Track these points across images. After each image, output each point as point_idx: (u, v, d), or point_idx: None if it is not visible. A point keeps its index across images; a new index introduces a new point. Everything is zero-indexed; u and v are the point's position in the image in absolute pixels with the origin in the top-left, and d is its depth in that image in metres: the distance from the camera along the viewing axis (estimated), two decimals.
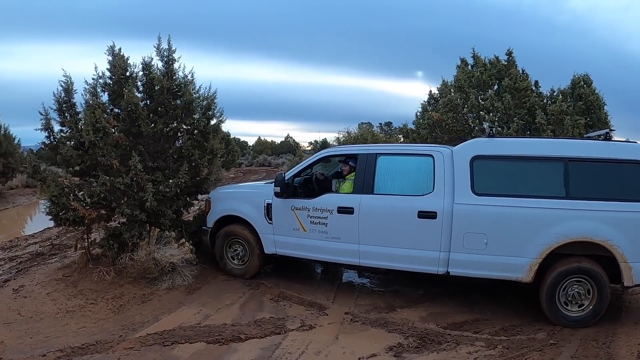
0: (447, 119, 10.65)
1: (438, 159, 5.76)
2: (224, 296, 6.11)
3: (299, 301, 5.99)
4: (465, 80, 10.96)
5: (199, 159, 6.70)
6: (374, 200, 5.97)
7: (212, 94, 6.99)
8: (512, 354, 4.63)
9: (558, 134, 9.33)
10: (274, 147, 49.50)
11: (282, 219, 6.42)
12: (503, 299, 6.20)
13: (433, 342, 4.86)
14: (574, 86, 10.65)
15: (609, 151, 5.31)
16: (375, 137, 19.37)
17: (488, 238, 5.39)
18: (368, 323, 5.35)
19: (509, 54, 11.09)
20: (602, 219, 5.07)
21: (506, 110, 10.03)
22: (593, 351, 4.68)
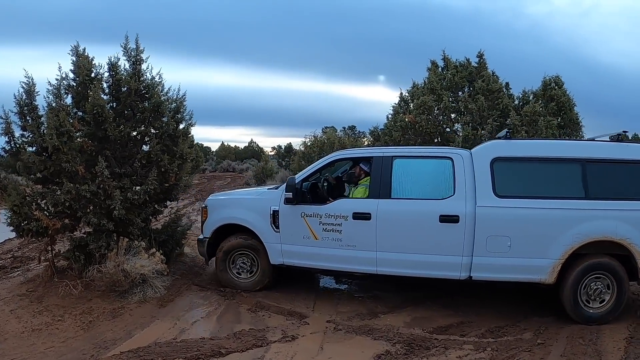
0: (420, 120, 10.76)
1: (457, 161, 5.76)
2: (199, 308, 5.97)
3: (277, 310, 5.89)
4: (438, 82, 11.13)
5: (169, 164, 6.53)
6: (393, 204, 5.85)
7: (182, 96, 6.90)
8: (502, 355, 4.69)
9: (532, 134, 9.56)
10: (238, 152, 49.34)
11: (290, 226, 6.20)
12: (485, 300, 6.32)
13: (421, 348, 4.86)
14: (545, 88, 10.98)
15: (623, 152, 5.53)
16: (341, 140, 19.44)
17: (511, 240, 5.43)
18: (352, 331, 5.30)
19: (479, 56, 11.39)
20: (620, 217, 5.27)
21: (480, 111, 10.22)
22: (581, 348, 4.82)
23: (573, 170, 5.53)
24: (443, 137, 11.20)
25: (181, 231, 7.35)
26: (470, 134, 10.09)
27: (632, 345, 4.90)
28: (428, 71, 12.02)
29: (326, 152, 18.40)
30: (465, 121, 10.43)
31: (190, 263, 7.67)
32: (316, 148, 18.75)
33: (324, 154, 18.23)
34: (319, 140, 19.43)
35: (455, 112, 11.19)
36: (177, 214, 7.56)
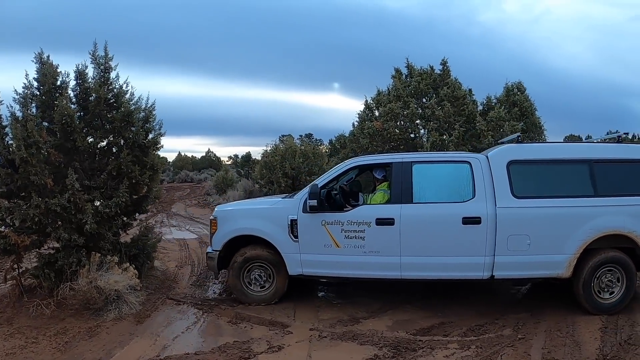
0: (388, 127, 11.02)
1: (476, 165, 6.06)
2: (178, 322, 5.93)
3: (259, 321, 5.92)
4: (403, 89, 11.44)
5: (139, 175, 6.52)
6: (416, 209, 6.03)
7: (151, 105, 6.87)
8: (487, 352, 4.92)
9: (498, 138, 9.95)
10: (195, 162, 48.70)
11: (310, 235, 6.21)
12: (461, 301, 6.58)
13: (408, 350, 5.02)
14: (507, 93, 11.47)
15: (625, 152, 6.12)
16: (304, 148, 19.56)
17: (531, 239, 5.78)
18: (337, 338, 5.40)
19: (443, 64, 11.79)
20: (627, 213, 5.79)
21: (446, 117, 10.57)
22: (560, 340, 5.19)
23: (582, 170, 5.99)
24: (410, 143, 11.51)
25: (152, 244, 7.31)
26: (437, 139, 10.41)
27: (607, 334, 5.32)
28: (392, 79, 12.34)
29: (288, 160, 18.52)
30: (432, 127, 10.75)
31: (162, 277, 7.63)
32: (278, 156, 18.80)
33: (286, 162, 18.38)
34: (280, 149, 19.47)
35: (421, 118, 11.52)
36: (147, 227, 7.50)
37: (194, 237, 12.07)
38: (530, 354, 4.87)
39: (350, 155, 12.73)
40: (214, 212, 6.88)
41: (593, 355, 4.85)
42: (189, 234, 12.65)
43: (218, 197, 22.27)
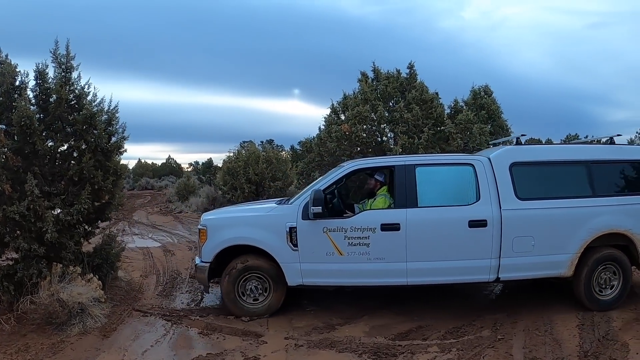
0: (356, 130, 11.01)
1: (479, 167, 6.07)
2: (146, 336, 5.68)
3: (231, 331, 5.75)
4: (371, 92, 11.47)
5: (102, 180, 6.27)
6: (421, 213, 5.98)
7: (114, 108, 6.65)
8: (468, 354, 4.92)
9: (467, 141, 10.08)
10: (155, 169, 47.98)
11: (311, 243, 6.02)
12: (437, 304, 6.59)
13: (388, 355, 4.97)
14: (475, 97, 11.64)
15: (619, 153, 6.39)
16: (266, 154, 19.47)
17: (535, 240, 5.89)
18: (314, 346, 5.30)
19: (410, 68, 11.89)
20: (623, 211, 6.04)
21: (415, 120, 10.63)
22: (540, 339, 5.27)
23: (580, 171, 6.20)
24: (379, 146, 11.54)
25: (115, 253, 7.07)
26: (407, 142, 10.45)
27: (584, 331, 5.44)
28: (359, 82, 12.36)
29: (251, 166, 18.37)
30: (401, 130, 10.79)
31: (127, 287, 7.36)
32: (241, 162, 18.64)
33: (249, 168, 18.22)
34: (242, 154, 19.33)
35: (389, 121, 11.56)
36: (110, 235, 7.24)
37: (158, 245, 11.76)
38: (512, 354, 4.91)
39: (317, 159, 12.69)
40: (203, 221, 6.56)
41: (574, 352, 4.93)
42: (153, 243, 12.32)
43: (180, 204, 21.96)
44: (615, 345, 5.02)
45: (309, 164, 13.14)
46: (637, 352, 4.85)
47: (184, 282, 8.02)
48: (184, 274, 8.50)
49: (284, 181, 18.80)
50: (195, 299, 7.07)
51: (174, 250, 10.79)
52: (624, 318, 5.78)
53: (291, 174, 19.22)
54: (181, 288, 7.65)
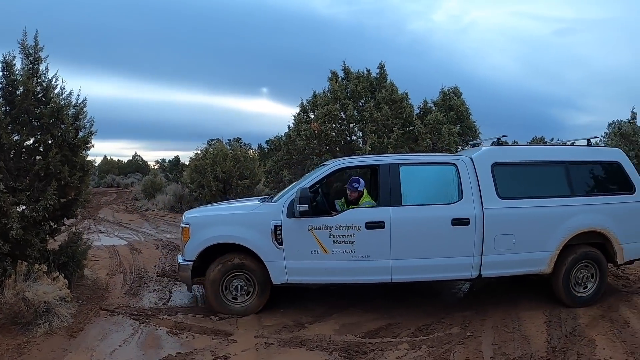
0: (325, 129, 11.01)
1: (462, 167, 6.16)
2: (114, 335, 5.54)
3: (200, 330, 5.66)
4: (341, 92, 11.48)
5: (69, 176, 6.09)
6: (405, 211, 6.01)
7: (82, 102, 6.47)
8: (438, 351, 4.95)
9: (436, 141, 10.19)
10: (121, 166, 47.29)
11: (296, 241, 5.98)
12: (406, 301, 6.64)
13: (359, 353, 4.97)
14: (444, 98, 11.78)
15: (596, 155, 6.66)
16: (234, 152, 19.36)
17: (516, 238, 6.03)
18: (284, 344, 5.26)
19: (380, 68, 11.95)
20: (600, 210, 6.24)
21: (385, 120, 10.69)
22: (508, 336, 5.37)
23: (559, 172, 6.38)
24: (348, 145, 11.57)
25: (82, 251, 6.87)
26: (376, 142, 10.51)
27: (552, 327, 5.56)
28: (329, 81, 12.36)
29: (219, 164, 18.23)
30: (370, 130, 10.84)
31: (93, 286, 7.16)
32: (208, 160, 18.49)
33: (217, 166, 18.07)
34: (210, 152, 19.18)
35: (358, 121, 11.60)
36: (76, 233, 7.05)
37: (124, 243, 11.52)
38: (482, 350, 4.97)
39: (285, 157, 12.65)
40: (186, 219, 6.45)
41: (542, 348, 5.02)
42: (119, 241, 12.07)
43: (147, 202, 21.64)
44: (583, 341, 5.13)
45: (278, 162, 13.08)
46: (603, 348, 4.96)
47: (151, 280, 7.87)
48: (151, 273, 8.34)
49: (252, 179, 18.75)
50: (163, 297, 6.94)
51: (141, 248, 10.59)
52: (590, 315, 5.91)
53: (259, 173, 19.17)
54: (148, 287, 7.51)
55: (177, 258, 6.51)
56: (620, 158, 6.63)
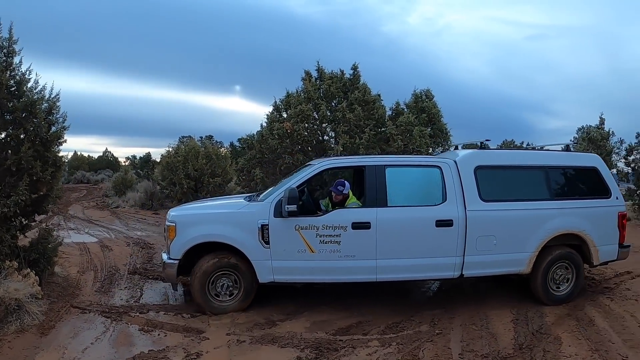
0: (298, 129, 11.06)
1: (446, 169, 6.27)
2: (85, 333, 5.47)
3: (172, 328, 5.64)
4: (314, 92, 11.54)
5: (41, 171, 5.98)
6: (391, 212, 6.08)
7: (55, 96, 6.35)
8: (408, 348, 5.05)
9: (407, 143, 10.32)
10: (92, 162, 46.47)
11: (283, 241, 5.98)
12: (376, 299, 6.76)
13: (330, 350, 5.02)
14: (416, 100, 11.94)
15: (574, 160, 6.89)
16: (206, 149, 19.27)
17: (497, 239, 6.19)
18: (256, 341, 5.28)
19: (354, 69, 12.02)
20: (577, 214, 6.47)
21: (357, 121, 10.78)
22: (477, 333, 5.50)
23: (539, 176, 6.58)
24: (320, 145, 11.63)
25: (53, 248, 6.76)
26: (348, 142, 10.59)
27: (518, 325, 5.72)
28: (303, 81, 12.39)
29: (191, 161, 18.12)
30: (342, 130, 10.92)
31: (64, 283, 7.05)
32: (180, 157, 18.38)
33: (188, 163, 17.96)
34: (182, 149, 19.06)
35: (331, 121, 11.67)
36: (47, 229, 6.93)
37: (95, 240, 11.37)
38: (450, 347, 5.08)
39: (257, 156, 12.64)
40: (171, 217, 6.36)
41: (509, 345, 5.16)
42: (89, 238, 11.91)
43: (117, 199, 21.38)
44: (549, 339, 5.29)
45: (250, 160, 13.05)
46: (569, 345, 5.13)
47: (122, 278, 7.80)
48: (122, 270, 8.27)
49: (223, 177, 18.69)
50: (135, 295, 6.89)
51: (112, 245, 10.48)
52: (556, 313, 6.10)
53: (230, 171, 19.11)
54: (120, 284, 7.44)
55: (162, 256, 6.45)
56: (598, 163, 6.87)
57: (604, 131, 16.15)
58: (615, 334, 5.39)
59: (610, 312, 6.10)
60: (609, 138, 15.91)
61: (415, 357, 4.86)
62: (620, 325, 5.64)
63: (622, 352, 4.94)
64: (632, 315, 5.98)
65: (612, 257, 6.73)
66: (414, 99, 12.23)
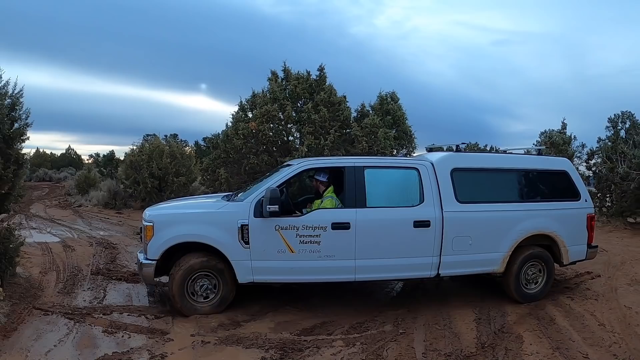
0: (264, 129, 11.04)
1: (423, 171, 6.36)
2: (48, 335, 5.32)
3: (136, 329, 5.55)
4: (280, 92, 11.54)
5: (3, 169, 5.82)
6: (370, 213, 6.10)
7: (18, 92, 6.16)
8: (372, 348, 5.10)
9: (372, 144, 10.42)
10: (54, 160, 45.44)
11: (262, 241, 5.93)
12: (340, 300, 6.80)
13: (294, 350, 5.03)
14: (382, 102, 12.06)
15: (545, 164, 7.10)
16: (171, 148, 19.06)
17: (472, 239, 6.34)
18: (221, 342, 5.24)
19: (320, 70, 12.07)
20: (548, 215, 6.72)
21: (322, 122, 10.83)
22: (440, 333, 5.59)
23: (512, 178, 6.85)
24: (285, 145, 11.63)
25: (14, 248, 6.57)
26: (313, 143, 10.62)
27: (481, 325, 5.85)
28: (269, 81, 12.38)
29: (155, 160, 17.88)
30: (308, 131, 10.95)
31: (26, 284, 6.85)
32: (144, 156, 18.13)
33: (152, 162, 17.72)
34: (146, 148, 18.80)
35: (296, 121, 11.69)
36: (9, 229, 6.74)
37: (57, 240, 11.10)
38: (414, 347, 5.15)
39: (222, 156, 12.58)
40: (149, 217, 6.22)
41: (472, 344, 5.27)
42: (52, 237, 11.62)
43: (80, 198, 20.96)
44: (510, 337, 5.43)
45: (214, 160, 12.99)
46: (530, 343, 5.27)
47: (85, 279, 7.64)
48: (85, 271, 8.09)
49: (188, 177, 18.53)
50: (98, 296, 6.75)
51: (74, 245, 10.25)
52: (518, 312, 6.26)
53: (195, 170, 18.97)
54: (82, 285, 7.28)
55: (138, 256, 6.32)
56: (568, 167, 7.15)
57: (566, 135, 16.56)
58: (576, 333, 5.57)
59: (570, 312, 6.29)
60: (571, 142, 16.31)
61: (379, 356, 4.91)
62: (580, 324, 5.83)
63: (582, 350, 5.10)
64: (592, 314, 6.19)
65: (581, 257, 7.03)
66: (380, 101, 12.35)
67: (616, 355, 5.01)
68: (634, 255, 9.87)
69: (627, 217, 13.62)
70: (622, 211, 13.30)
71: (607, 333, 5.58)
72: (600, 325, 5.83)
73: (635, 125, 14.18)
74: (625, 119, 14.54)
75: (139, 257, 6.30)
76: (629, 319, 6.02)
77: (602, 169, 13.72)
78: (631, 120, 14.42)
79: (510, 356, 4.97)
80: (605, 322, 5.91)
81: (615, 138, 14.12)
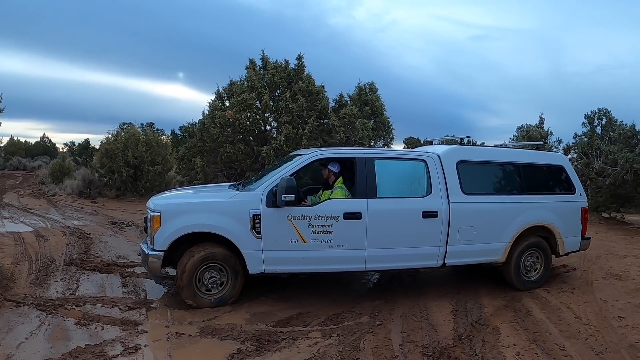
0: (241, 118, 10.90)
1: (431, 163, 6.50)
2: (20, 327, 5.18)
3: (109, 321, 5.41)
4: (258, 80, 11.39)
5: None
6: (381, 203, 6.14)
7: None
8: (349, 339, 5.05)
9: (349, 135, 10.36)
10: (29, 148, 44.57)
11: (275, 231, 5.84)
12: (316, 291, 6.75)
13: (270, 342, 4.95)
14: (360, 93, 12.00)
15: (543, 158, 7.40)
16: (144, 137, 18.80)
17: (476, 230, 6.51)
18: (195, 334, 5.14)
19: (299, 59, 11.93)
20: (547, 207, 7.00)
21: (300, 111, 10.72)
22: (416, 324, 5.59)
23: (513, 172, 7.05)
24: (262, 134, 11.51)
25: None
26: (290, 132, 10.52)
27: (458, 316, 5.87)
28: (247, 69, 12.21)
29: (131, 149, 17.61)
30: (285, 120, 10.84)
31: None
32: (120, 144, 17.84)
33: (128, 151, 17.44)
34: (122, 136, 18.51)
35: (274, 110, 11.57)
36: None
37: (30, 230, 10.83)
38: (391, 338, 5.12)
39: (199, 144, 12.41)
40: (156, 206, 5.98)
41: (449, 335, 5.26)
42: (24, 227, 11.32)
43: (54, 187, 20.54)
44: (487, 329, 5.45)
45: (191, 149, 12.81)
46: (507, 335, 5.29)
47: (58, 269, 7.45)
48: (58, 261, 7.91)
49: (164, 166, 18.33)
50: (71, 287, 6.58)
51: (48, 235, 10.02)
52: (494, 305, 6.30)
53: (171, 159, 18.75)
54: (55, 276, 7.09)
55: (142, 248, 6.15)
56: (564, 162, 7.46)
57: (543, 130, 16.72)
58: (552, 325, 5.62)
59: (547, 304, 6.36)
60: (548, 137, 16.48)
61: (356, 348, 4.86)
62: (557, 317, 5.89)
63: (559, 342, 5.14)
64: (568, 307, 6.26)
65: (575, 248, 7.30)
66: (358, 91, 12.32)
67: (593, 347, 5.04)
68: (609, 249, 10.07)
69: (602, 212, 13.84)
70: (597, 206, 13.53)
71: (584, 325, 5.63)
72: (576, 317, 5.89)
73: (612, 122, 14.39)
74: (602, 115, 14.76)
75: (142, 248, 6.14)
76: (604, 312, 6.10)
77: (578, 164, 13.90)
78: (607, 117, 14.64)
79: (488, 348, 4.97)
80: (582, 315, 5.97)
81: (591, 134, 14.33)
